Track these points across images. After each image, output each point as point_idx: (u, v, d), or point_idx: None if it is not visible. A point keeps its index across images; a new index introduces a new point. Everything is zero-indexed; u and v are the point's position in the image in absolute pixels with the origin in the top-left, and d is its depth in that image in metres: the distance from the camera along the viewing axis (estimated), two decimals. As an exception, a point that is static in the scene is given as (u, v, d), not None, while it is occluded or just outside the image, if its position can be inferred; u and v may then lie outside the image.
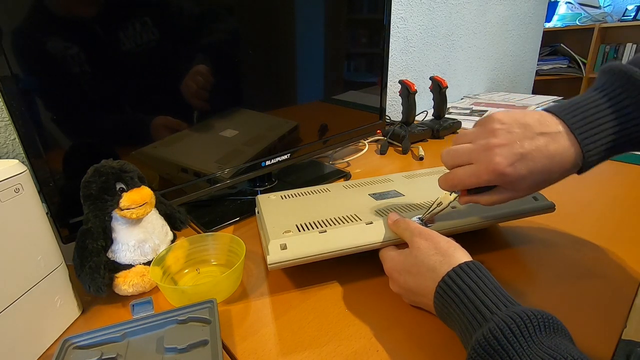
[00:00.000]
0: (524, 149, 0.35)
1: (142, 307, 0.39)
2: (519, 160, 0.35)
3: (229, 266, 0.48)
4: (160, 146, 0.54)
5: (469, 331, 0.31)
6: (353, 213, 0.49)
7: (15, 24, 0.39)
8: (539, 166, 0.35)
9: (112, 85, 0.47)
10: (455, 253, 0.36)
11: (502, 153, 0.35)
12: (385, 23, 0.81)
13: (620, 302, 0.40)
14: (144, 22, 0.47)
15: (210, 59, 0.56)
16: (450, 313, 0.33)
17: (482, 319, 0.30)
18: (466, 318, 0.31)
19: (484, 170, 0.36)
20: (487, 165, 0.36)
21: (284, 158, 0.70)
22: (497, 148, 0.35)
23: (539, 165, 0.35)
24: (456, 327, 0.33)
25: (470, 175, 0.38)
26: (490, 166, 0.36)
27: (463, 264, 0.34)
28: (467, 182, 0.38)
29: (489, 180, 0.37)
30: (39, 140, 0.42)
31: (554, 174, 0.36)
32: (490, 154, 0.36)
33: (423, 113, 1.12)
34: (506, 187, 0.37)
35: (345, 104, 0.81)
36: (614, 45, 2.71)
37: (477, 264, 0.35)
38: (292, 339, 0.38)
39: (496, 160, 0.35)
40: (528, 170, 0.35)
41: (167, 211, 0.52)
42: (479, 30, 1.56)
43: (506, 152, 0.35)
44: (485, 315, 0.30)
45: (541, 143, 0.35)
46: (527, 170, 0.35)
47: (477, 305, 0.31)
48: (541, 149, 0.35)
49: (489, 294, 0.31)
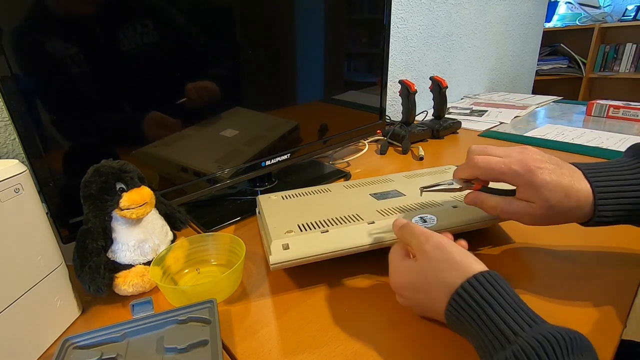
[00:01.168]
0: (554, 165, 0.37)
1: (142, 307, 0.39)
2: (548, 169, 0.37)
3: (229, 266, 0.48)
4: (160, 146, 0.54)
5: (488, 351, 0.29)
6: (354, 213, 0.49)
7: (15, 24, 0.39)
8: (563, 183, 0.36)
9: (112, 85, 0.47)
10: (471, 265, 0.33)
11: (536, 158, 0.38)
12: (385, 23, 0.81)
13: (620, 302, 0.40)
14: (143, 23, 0.47)
15: (211, 59, 0.56)
16: (467, 328, 0.31)
17: (505, 341, 0.28)
18: (486, 337, 0.29)
19: (515, 161, 0.37)
20: (519, 158, 0.38)
21: (284, 158, 0.70)
22: (532, 153, 0.39)
23: (564, 182, 0.36)
24: (473, 342, 0.31)
25: (499, 162, 0.38)
26: (522, 160, 0.37)
27: (478, 274, 0.31)
28: (494, 167, 0.38)
29: (515, 174, 0.37)
30: (39, 140, 0.42)
31: (571, 200, 0.36)
32: (525, 152, 0.39)
33: (423, 113, 1.12)
34: (523, 193, 0.38)
35: (345, 104, 0.81)
36: (614, 45, 2.71)
37: (494, 274, 0.32)
38: (292, 339, 0.38)
39: (530, 156, 0.38)
40: (552, 180, 0.36)
41: (167, 211, 0.52)
42: (479, 30, 1.56)
43: (539, 158, 0.38)
44: (509, 337, 0.27)
45: (567, 173, 0.37)
46: (551, 179, 0.36)
47: (498, 323, 0.28)
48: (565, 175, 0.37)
49: (510, 312, 0.29)
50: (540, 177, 0.36)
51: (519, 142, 0.97)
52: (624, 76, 2.68)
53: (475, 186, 0.42)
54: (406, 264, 0.37)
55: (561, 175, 0.36)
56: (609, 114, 1.15)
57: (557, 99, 1.46)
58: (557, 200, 0.36)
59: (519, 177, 0.37)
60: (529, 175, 0.36)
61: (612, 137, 0.95)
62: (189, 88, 0.53)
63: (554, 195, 0.36)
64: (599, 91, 2.88)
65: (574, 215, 0.37)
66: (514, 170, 0.37)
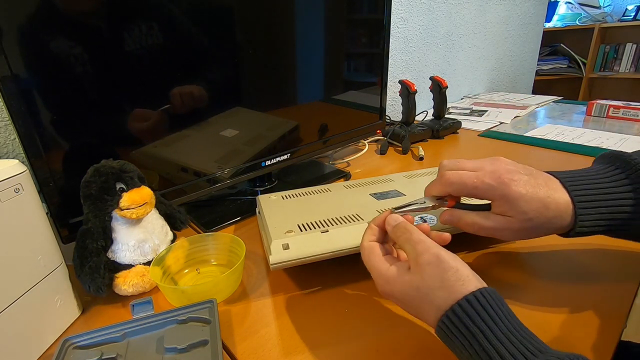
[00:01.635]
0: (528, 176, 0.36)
1: (142, 307, 0.39)
2: (523, 181, 0.35)
3: (229, 266, 0.48)
4: (160, 146, 0.54)
5: None
6: (355, 213, 0.49)
7: (16, 24, 0.39)
8: (540, 194, 0.35)
9: (112, 85, 0.47)
10: (464, 285, 0.29)
11: (509, 169, 0.37)
12: (385, 23, 0.81)
13: (620, 302, 0.40)
14: (144, 23, 0.47)
15: (211, 59, 0.56)
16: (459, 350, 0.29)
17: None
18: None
19: (488, 174, 0.36)
20: (491, 170, 0.36)
21: (284, 158, 0.70)
22: (504, 164, 0.38)
23: (540, 193, 0.35)
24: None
25: (471, 176, 0.37)
26: (495, 172, 0.36)
27: (470, 295, 0.28)
28: (467, 182, 0.37)
29: (489, 188, 0.36)
30: (39, 140, 0.42)
31: (550, 211, 0.35)
32: (497, 163, 0.38)
33: (423, 113, 1.12)
34: (499, 207, 0.36)
35: (345, 104, 0.81)
36: (614, 45, 2.71)
37: (489, 294, 0.28)
38: (292, 339, 0.38)
39: (503, 167, 0.36)
40: (528, 192, 0.35)
41: (167, 211, 0.52)
42: (479, 30, 1.56)
43: (513, 169, 0.37)
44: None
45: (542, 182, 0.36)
46: (526, 191, 0.35)
47: (491, 354, 0.26)
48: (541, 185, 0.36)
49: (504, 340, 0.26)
50: (515, 190, 0.35)
51: (519, 142, 0.97)
52: (624, 76, 2.68)
53: (449, 203, 0.40)
54: (393, 273, 0.33)
55: (537, 186, 0.35)
56: (609, 114, 1.15)
57: (557, 99, 1.46)
58: (535, 212, 0.35)
59: (493, 191, 0.36)
60: (503, 188, 0.35)
61: (612, 137, 0.95)
62: (174, 93, 0.52)
63: (531, 207, 0.35)
64: (599, 91, 2.88)
65: (554, 226, 0.36)
66: (487, 183, 0.36)
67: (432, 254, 0.31)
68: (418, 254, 0.32)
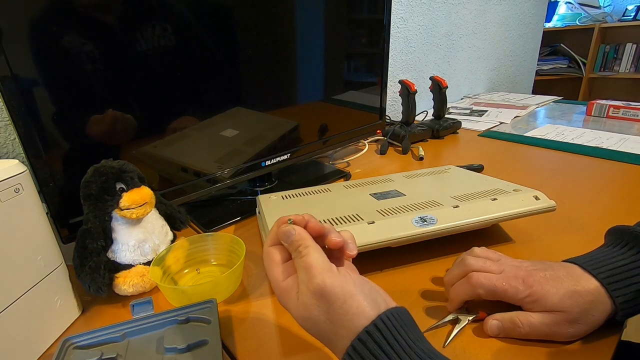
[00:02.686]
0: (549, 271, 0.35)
1: (142, 307, 0.39)
2: (546, 277, 0.34)
3: (229, 266, 0.48)
4: (160, 146, 0.54)
5: None
6: (354, 213, 0.49)
7: (15, 24, 0.39)
8: (565, 284, 0.34)
9: (112, 85, 0.47)
10: (354, 319, 0.26)
11: (529, 269, 0.36)
12: (385, 23, 0.81)
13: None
14: (144, 24, 0.47)
15: (211, 59, 0.56)
16: None
17: None
18: None
19: (512, 277, 0.35)
20: (514, 273, 0.35)
21: (284, 158, 0.70)
22: (524, 264, 0.37)
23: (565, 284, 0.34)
24: None
25: (499, 279, 0.35)
26: (517, 274, 0.35)
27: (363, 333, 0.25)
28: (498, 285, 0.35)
29: (516, 291, 0.34)
30: (39, 140, 0.42)
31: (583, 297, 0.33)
32: (516, 264, 0.37)
33: (423, 113, 1.12)
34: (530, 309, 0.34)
35: (345, 104, 0.81)
36: (614, 45, 2.71)
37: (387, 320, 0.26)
38: (292, 339, 0.38)
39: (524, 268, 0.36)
40: (552, 288, 0.34)
41: (167, 211, 0.52)
42: (479, 30, 1.56)
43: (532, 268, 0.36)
44: None
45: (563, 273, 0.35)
46: (551, 286, 0.34)
47: None
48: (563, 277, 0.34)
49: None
50: (541, 289, 0.34)
51: (519, 142, 0.97)
52: (624, 76, 2.68)
53: (481, 314, 0.37)
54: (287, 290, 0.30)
55: (558, 279, 0.34)
56: (609, 114, 1.15)
57: (557, 99, 1.46)
58: (568, 304, 0.33)
59: (519, 293, 0.34)
60: (530, 291, 0.34)
61: (612, 137, 0.95)
62: (108, 113, 0.48)
63: (562, 301, 0.33)
64: (599, 91, 2.88)
65: (598, 311, 0.33)
66: (514, 286, 0.35)
67: (316, 283, 0.27)
68: (306, 280, 0.28)
